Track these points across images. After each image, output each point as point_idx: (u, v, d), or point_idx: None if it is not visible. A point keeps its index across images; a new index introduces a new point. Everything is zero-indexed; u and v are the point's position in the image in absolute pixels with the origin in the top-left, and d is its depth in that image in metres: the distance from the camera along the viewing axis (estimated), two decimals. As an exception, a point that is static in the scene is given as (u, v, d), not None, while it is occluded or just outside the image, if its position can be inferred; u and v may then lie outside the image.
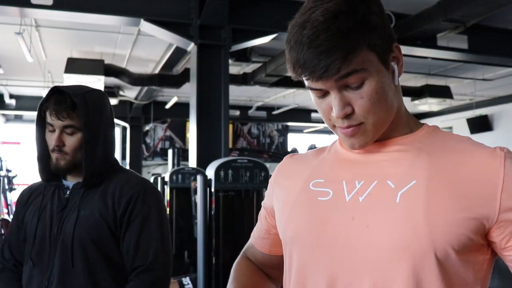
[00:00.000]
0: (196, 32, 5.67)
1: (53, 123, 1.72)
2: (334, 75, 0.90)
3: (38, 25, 6.99)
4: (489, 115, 12.60)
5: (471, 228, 0.89)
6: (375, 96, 0.93)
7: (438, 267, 0.89)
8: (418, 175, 0.94)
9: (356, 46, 0.89)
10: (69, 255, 1.68)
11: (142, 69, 9.34)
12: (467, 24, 6.29)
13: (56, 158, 1.74)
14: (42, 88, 9.99)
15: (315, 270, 1.00)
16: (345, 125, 0.95)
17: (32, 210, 1.81)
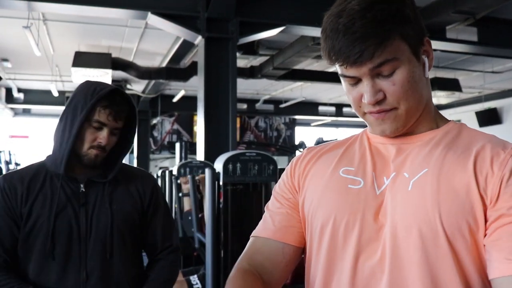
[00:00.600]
0: (204, 25, 5.65)
1: (107, 123, 1.76)
2: (368, 61, 0.94)
3: (46, 19, 6.99)
4: (498, 108, 12.52)
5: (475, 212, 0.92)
6: (407, 84, 0.97)
7: (450, 251, 0.92)
8: (430, 164, 0.98)
9: (389, 34, 0.94)
10: (109, 247, 1.77)
11: (149, 62, 9.34)
12: (477, 16, 6.22)
13: (96, 154, 1.77)
14: (50, 82, 10.02)
15: (342, 258, 1.03)
16: (376, 109, 0.99)
17: (41, 204, 1.75)
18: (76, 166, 1.81)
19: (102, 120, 1.75)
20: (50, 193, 1.77)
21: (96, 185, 1.82)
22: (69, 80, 9.89)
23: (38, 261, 1.72)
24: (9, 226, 1.74)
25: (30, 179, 1.79)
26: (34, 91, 12.09)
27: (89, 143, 1.77)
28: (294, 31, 6.36)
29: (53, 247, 1.71)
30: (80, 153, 1.78)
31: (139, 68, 8.94)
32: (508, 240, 0.89)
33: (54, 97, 11.48)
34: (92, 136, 1.76)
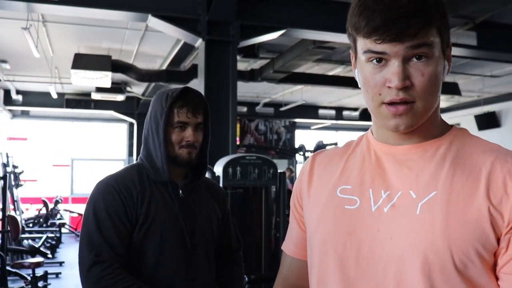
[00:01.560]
0: (204, 28, 5.63)
1: (189, 121, 1.86)
2: (409, 39, 0.89)
3: (45, 21, 6.98)
4: (497, 111, 12.52)
5: (487, 240, 0.89)
6: (434, 78, 0.93)
7: (459, 278, 0.88)
8: (439, 186, 0.93)
9: (433, 19, 0.91)
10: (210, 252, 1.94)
11: (149, 65, 9.32)
12: (476, 20, 6.22)
13: (189, 152, 1.87)
14: (49, 84, 9.99)
15: (336, 279, 1.00)
16: (400, 98, 0.92)
17: (156, 206, 1.83)
18: (175, 172, 1.92)
19: (182, 120, 1.85)
20: (161, 198, 1.85)
21: (189, 190, 1.94)
22: (69, 82, 9.86)
23: (154, 259, 1.81)
24: (126, 228, 1.79)
25: (140, 183, 1.86)
26: (33, 93, 12.06)
27: (178, 144, 1.86)
28: (294, 35, 6.35)
29: (162, 250, 1.81)
30: (174, 156, 1.87)
31: (139, 70, 8.91)
32: None
33: (53, 99, 11.45)
34: (179, 137, 1.86)
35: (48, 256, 8.39)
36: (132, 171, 1.90)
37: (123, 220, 1.78)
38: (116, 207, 1.78)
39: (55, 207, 12.12)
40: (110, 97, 10.80)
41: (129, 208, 1.79)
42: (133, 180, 1.85)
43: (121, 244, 1.76)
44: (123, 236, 1.77)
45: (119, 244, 1.75)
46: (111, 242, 1.74)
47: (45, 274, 6.41)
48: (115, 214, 1.77)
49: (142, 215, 1.80)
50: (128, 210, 1.79)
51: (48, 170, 14.30)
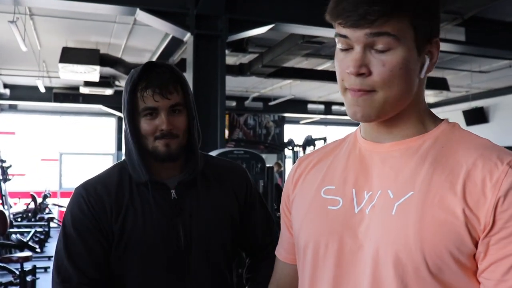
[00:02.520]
0: (193, 22, 5.62)
1: (157, 105, 1.45)
2: (367, 25, 0.88)
3: (33, 14, 6.92)
4: (485, 107, 12.61)
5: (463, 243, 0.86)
6: (397, 70, 0.90)
7: (433, 280, 0.87)
8: (416, 186, 0.91)
9: (398, 9, 0.88)
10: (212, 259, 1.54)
11: (138, 59, 9.28)
12: (465, 16, 6.25)
13: (166, 144, 1.47)
14: (37, 78, 9.92)
15: (321, 280, 1.00)
16: (357, 87, 0.92)
17: (133, 218, 1.48)
18: (161, 169, 1.55)
19: (149, 105, 1.46)
20: (141, 205, 1.49)
21: (188, 188, 1.54)
22: (57, 76, 9.80)
23: (136, 282, 1.48)
24: (101, 244, 1.47)
25: (117, 189, 1.52)
26: (21, 87, 11.97)
27: (152, 135, 1.49)
28: (283, 29, 6.35)
29: (154, 267, 1.47)
30: (152, 150, 1.50)
31: (127, 64, 8.87)
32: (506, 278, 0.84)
33: (41, 93, 11.37)
34: (151, 126, 1.48)
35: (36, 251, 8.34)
36: (112, 174, 1.58)
37: (96, 236, 1.47)
38: (85, 222, 1.47)
39: (43, 201, 12.07)
40: (98, 91, 10.75)
41: (101, 222, 1.47)
42: (110, 186, 1.53)
43: (94, 266, 1.46)
44: (96, 255, 1.47)
45: (90, 267, 1.46)
46: (79, 264, 1.45)
47: (34, 269, 6.37)
48: (85, 230, 1.47)
49: (117, 230, 1.47)
50: (101, 225, 1.47)
51: (37, 164, 14.22)
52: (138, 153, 1.51)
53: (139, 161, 1.51)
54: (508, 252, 0.83)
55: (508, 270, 0.83)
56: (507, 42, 7.35)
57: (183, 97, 1.51)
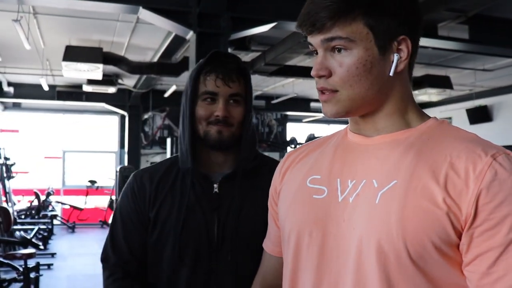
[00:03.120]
0: (195, 20, 5.62)
1: (218, 91, 1.47)
2: (318, 32, 0.94)
3: (36, 13, 6.93)
4: (489, 105, 12.57)
5: (445, 233, 0.86)
6: (354, 70, 0.94)
7: (415, 269, 0.87)
8: (400, 175, 0.92)
9: (347, 13, 0.92)
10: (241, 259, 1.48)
11: (140, 57, 9.28)
12: (469, 14, 6.24)
13: (219, 130, 1.47)
14: (40, 76, 9.93)
15: (305, 268, 1.01)
16: (320, 86, 0.99)
17: (168, 208, 1.51)
18: (210, 160, 1.56)
19: (210, 89, 1.48)
20: (180, 194, 1.52)
21: (231, 184, 1.52)
22: (60, 74, 9.81)
23: (168, 271, 1.51)
24: (138, 230, 1.55)
25: (161, 177, 1.57)
26: (25, 85, 11.98)
27: (205, 120, 1.49)
28: (286, 27, 6.34)
29: (180, 259, 1.48)
30: (204, 135, 1.50)
31: (130, 63, 8.88)
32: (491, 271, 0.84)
33: (45, 91, 11.37)
34: (207, 111, 1.48)
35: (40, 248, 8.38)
36: (164, 163, 1.63)
37: (135, 222, 1.55)
38: (128, 208, 1.56)
39: (47, 199, 12.11)
40: (101, 89, 10.76)
41: (141, 209, 1.54)
42: (155, 174, 1.57)
43: (128, 249, 1.54)
44: (133, 240, 1.54)
45: (125, 249, 1.54)
46: (117, 247, 1.55)
47: (37, 265, 6.41)
48: (126, 216, 1.56)
49: (153, 217, 1.53)
50: (141, 212, 1.54)
51: (40, 162, 14.25)
52: (189, 138, 1.51)
53: (187, 147, 1.51)
54: (492, 245, 0.84)
55: (493, 263, 0.84)
56: (511, 40, 7.33)
57: (245, 90, 1.52)
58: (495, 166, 0.86)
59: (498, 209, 0.84)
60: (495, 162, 0.87)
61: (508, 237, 0.83)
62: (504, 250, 0.83)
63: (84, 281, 7.42)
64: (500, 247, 0.84)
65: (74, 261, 8.77)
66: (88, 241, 11.28)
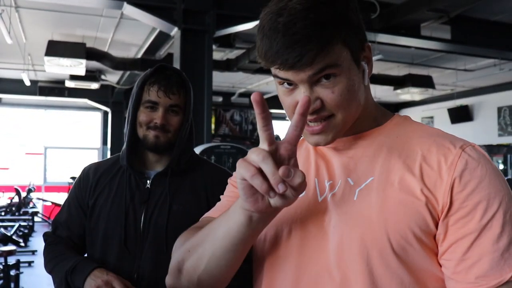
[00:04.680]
0: (180, 17, 5.61)
1: (159, 101, 1.65)
2: (307, 67, 0.87)
3: (18, 6, 6.86)
4: (470, 105, 12.73)
5: (425, 223, 0.88)
6: (346, 93, 0.91)
7: (397, 262, 0.88)
8: (376, 172, 0.94)
9: (332, 39, 0.87)
10: (164, 247, 1.62)
11: (124, 53, 9.24)
12: (451, 14, 6.32)
13: (156, 135, 1.66)
14: (22, 71, 9.83)
15: (282, 269, 0.98)
16: (314, 117, 0.92)
17: (105, 197, 1.71)
18: (148, 161, 1.75)
19: (152, 99, 1.65)
20: (116, 188, 1.71)
21: (163, 181, 1.70)
22: (42, 69, 9.73)
23: (100, 253, 1.68)
24: (78, 215, 1.75)
25: (104, 170, 1.77)
26: (5, 80, 11.86)
27: (145, 125, 1.67)
28: (270, 25, 6.34)
29: (108, 242, 1.67)
30: (142, 138, 1.68)
31: (114, 58, 8.84)
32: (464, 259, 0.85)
33: (26, 86, 11.26)
34: (148, 118, 1.66)
35: (20, 245, 8.30)
36: (112, 158, 1.83)
37: (77, 207, 1.77)
38: (73, 195, 1.79)
39: (27, 195, 11.98)
40: (84, 85, 10.68)
41: (81, 197, 1.75)
42: (100, 167, 1.78)
43: (68, 229, 1.77)
44: (73, 220, 1.77)
45: (65, 228, 1.78)
46: (59, 226, 1.79)
47: (17, 263, 6.34)
48: (71, 201, 1.79)
49: (91, 205, 1.73)
50: (82, 199, 1.75)
51: (21, 158, 14.11)
52: (128, 140, 1.68)
53: (125, 147, 1.70)
54: (467, 232, 0.86)
55: (468, 249, 0.86)
56: (492, 40, 7.43)
57: (184, 101, 1.70)
58: (465, 157, 0.89)
59: (470, 197, 0.86)
60: (464, 153, 0.90)
61: (481, 223, 0.85)
62: (478, 235, 0.85)
63: (65, 278, 7.37)
64: (474, 233, 0.85)
65: (55, 258, 8.70)
66: (69, 238, 11.20)
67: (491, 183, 0.87)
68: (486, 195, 0.86)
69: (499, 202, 0.86)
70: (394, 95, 11.08)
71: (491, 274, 0.84)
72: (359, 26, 0.94)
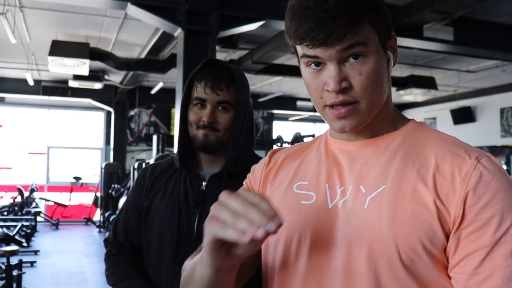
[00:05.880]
0: (184, 17, 5.62)
1: (206, 97, 1.58)
2: (338, 42, 0.88)
3: (23, 6, 6.88)
4: (472, 106, 12.71)
5: (435, 235, 0.86)
6: (374, 75, 0.91)
7: (405, 273, 0.87)
8: (388, 180, 0.92)
9: (362, 18, 0.89)
10: None
11: (128, 53, 9.26)
12: (453, 16, 6.32)
13: (205, 134, 1.59)
14: (25, 70, 9.86)
15: (292, 274, 0.98)
16: (340, 100, 0.91)
17: (160, 199, 1.65)
18: (202, 162, 1.68)
19: (200, 96, 1.59)
20: (171, 189, 1.65)
21: (218, 183, 1.61)
22: (46, 69, 9.75)
23: (154, 256, 1.63)
24: (135, 217, 1.71)
25: (160, 171, 1.72)
26: (9, 79, 11.88)
27: (195, 124, 1.60)
28: (274, 26, 6.36)
29: (163, 245, 1.61)
30: (192, 138, 1.62)
31: (117, 58, 8.85)
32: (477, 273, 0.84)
33: (30, 86, 11.28)
34: (196, 116, 1.60)
35: (23, 245, 8.33)
36: (169, 159, 1.77)
37: (133, 210, 1.72)
38: (130, 197, 1.75)
39: (30, 195, 12.01)
40: (87, 85, 10.70)
41: (138, 198, 1.71)
42: (157, 168, 1.73)
43: (125, 233, 1.72)
44: (130, 225, 1.72)
45: (122, 233, 1.72)
46: (118, 229, 1.75)
47: (20, 263, 6.36)
48: (129, 204, 1.75)
49: (146, 206, 1.68)
50: (138, 200, 1.71)
51: (24, 157, 14.13)
52: (180, 139, 1.65)
53: (178, 147, 1.66)
54: (479, 246, 0.85)
55: (480, 263, 0.84)
56: (494, 42, 7.43)
57: (234, 97, 1.61)
58: (480, 168, 0.87)
59: (484, 210, 0.85)
60: (479, 164, 0.88)
61: (494, 237, 0.84)
62: (491, 250, 0.84)
63: (68, 278, 7.39)
64: (486, 247, 0.84)
65: (57, 259, 8.72)
66: (72, 238, 11.22)
67: (505, 197, 0.85)
68: (500, 209, 0.84)
69: None
70: (397, 96, 11.09)
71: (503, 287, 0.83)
72: (386, 13, 0.95)
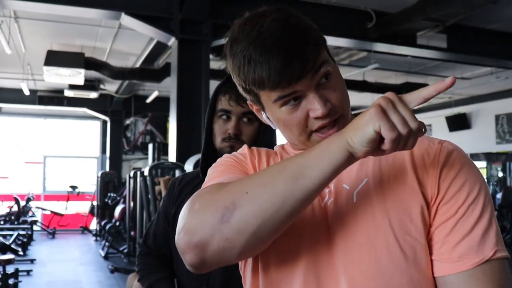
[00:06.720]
0: (177, 27, 5.66)
1: (231, 109, 1.59)
2: (312, 68, 0.89)
3: (17, 17, 6.91)
4: (467, 113, 12.76)
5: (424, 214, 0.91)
6: (342, 87, 0.96)
7: (405, 260, 0.90)
8: (369, 173, 0.97)
9: (319, 41, 0.93)
10: None
11: (123, 62, 9.29)
12: (447, 23, 6.36)
13: (231, 145, 1.58)
14: (21, 80, 9.87)
15: (291, 274, 0.98)
16: (327, 120, 0.93)
17: None
18: None
19: (224, 107, 1.60)
20: None
21: None
22: (41, 79, 9.77)
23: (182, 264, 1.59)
24: (164, 223, 1.79)
25: (188, 181, 1.77)
26: (5, 89, 11.89)
27: (220, 136, 1.61)
28: (267, 35, 6.39)
29: None
30: (218, 150, 1.62)
31: (112, 68, 8.88)
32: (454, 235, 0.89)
33: (26, 95, 11.29)
34: (222, 128, 1.61)
35: (19, 254, 8.31)
36: (197, 170, 1.78)
37: (162, 217, 1.80)
38: (162, 205, 1.82)
39: (27, 204, 11.99)
40: (83, 94, 10.73)
41: (167, 206, 1.78)
42: (186, 178, 1.79)
43: (154, 240, 1.81)
44: (159, 232, 1.80)
45: (151, 239, 1.82)
46: (149, 235, 1.84)
47: (16, 272, 6.35)
48: (161, 211, 1.82)
49: (172, 214, 1.72)
50: (166, 209, 1.78)
51: (20, 167, 14.12)
52: (204, 151, 1.67)
53: (201, 159, 1.68)
54: (450, 215, 0.90)
55: (450, 231, 0.90)
56: (488, 49, 7.49)
57: None
58: (444, 150, 0.95)
59: (453, 183, 0.91)
60: (443, 147, 0.96)
61: (463, 206, 0.90)
62: (460, 218, 0.89)
63: (64, 287, 7.36)
64: (456, 215, 0.90)
65: (54, 267, 8.69)
66: (68, 247, 11.19)
67: (470, 170, 0.93)
68: (467, 181, 0.92)
69: (479, 186, 0.92)
70: (392, 103, 11.12)
71: (473, 252, 0.88)
72: None
